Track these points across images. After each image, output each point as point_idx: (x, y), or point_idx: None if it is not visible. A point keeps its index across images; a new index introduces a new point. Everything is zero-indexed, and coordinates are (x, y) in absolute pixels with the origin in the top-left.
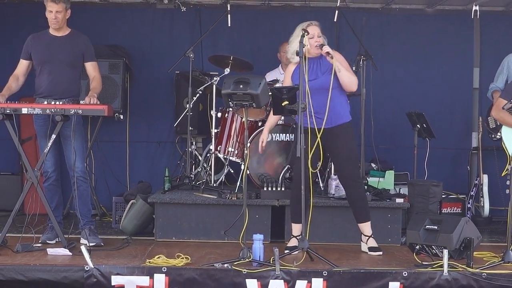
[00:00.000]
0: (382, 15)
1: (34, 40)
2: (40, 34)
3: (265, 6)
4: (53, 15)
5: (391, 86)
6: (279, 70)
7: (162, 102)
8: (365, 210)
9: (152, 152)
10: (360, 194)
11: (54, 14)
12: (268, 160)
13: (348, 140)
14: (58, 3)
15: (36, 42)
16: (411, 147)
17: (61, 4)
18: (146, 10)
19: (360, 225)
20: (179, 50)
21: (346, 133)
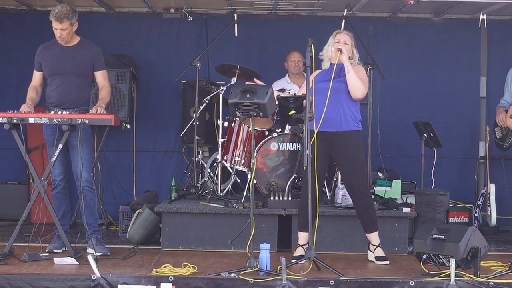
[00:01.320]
0: (389, 24)
1: (44, 51)
2: (49, 45)
3: (272, 15)
4: (58, 32)
5: (398, 95)
6: (286, 79)
7: (169, 111)
8: (373, 220)
9: (159, 161)
10: (368, 204)
11: (59, 32)
12: (274, 169)
13: (356, 149)
14: (62, 22)
15: (45, 53)
16: (418, 156)
17: (65, 22)
18: (153, 19)
19: (368, 234)
20: (186, 60)
21: (354, 142)
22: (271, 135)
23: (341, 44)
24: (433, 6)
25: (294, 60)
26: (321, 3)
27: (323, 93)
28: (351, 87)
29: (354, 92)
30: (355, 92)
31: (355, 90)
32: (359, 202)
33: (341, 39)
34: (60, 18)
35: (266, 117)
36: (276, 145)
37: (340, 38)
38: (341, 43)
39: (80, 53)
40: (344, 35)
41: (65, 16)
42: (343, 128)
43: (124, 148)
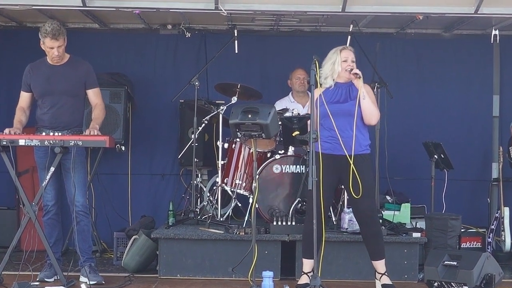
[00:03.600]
0: (397, 40)
1: (32, 71)
2: (38, 64)
3: (274, 31)
4: (56, 51)
5: (407, 115)
6: (290, 98)
7: (166, 132)
8: (380, 247)
9: (155, 185)
10: (376, 230)
11: (56, 50)
12: (277, 192)
13: (366, 173)
14: (59, 38)
15: (35, 73)
16: (428, 179)
17: (61, 38)
18: (149, 36)
19: (374, 262)
20: (184, 78)
21: (364, 165)
22: (274, 157)
23: (351, 63)
24: (443, 21)
25: (299, 78)
26: (325, 18)
27: (333, 116)
28: (366, 114)
29: (369, 119)
30: (370, 119)
31: (370, 116)
32: (366, 228)
33: (349, 58)
34: (56, 35)
35: (269, 138)
36: (279, 168)
37: (348, 56)
38: (349, 62)
39: (71, 71)
40: (350, 52)
41: (60, 32)
42: (354, 151)
43: (119, 171)
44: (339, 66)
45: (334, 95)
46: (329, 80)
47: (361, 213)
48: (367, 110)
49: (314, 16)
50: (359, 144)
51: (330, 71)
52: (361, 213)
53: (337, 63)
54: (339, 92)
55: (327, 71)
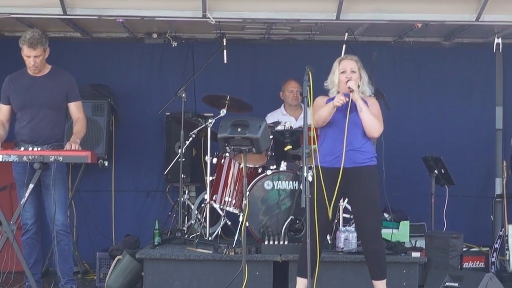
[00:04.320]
0: (395, 49)
1: (11, 82)
2: (17, 75)
3: (265, 40)
4: (32, 60)
5: (405, 128)
6: (282, 111)
7: (151, 147)
8: (382, 266)
9: (140, 202)
10: (379, 248)
11: (32, 60)
12: (269, 210)
13: (372, 186)
14: (36, 48)
15: (14, 85)
16: (428, 195)
17: (39, 48)
18: (133, 45)
19: (374, 282)
20: (170, 90)
21: (370, 178)
22: (265, 173)
23: (349, 73)
24: (443, 29)
25: (292, 91)
26: (319, 26)
27: (338, 126)
28: (366, 127)
29: (370, 132)
30: (371, 132)
31: (371, 130)
32: (369, 246)
33: (347, 68)
34: (34, 44)
35: (260, 153)
36: (271, 184)
37: (346, 67)
38: (347, 73)
39: (52, 83)
40: (350, 61)
41: (38, 42)
42: (360, 163)
43: (102, 188)
44: (337, 78)
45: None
46: (333, 92)
47: (364, 228)
48: (367, 123)
49: (307, 24)
50: (364, 156)
51: (331, 84)
52: (364, 229)
53: (336, 75)
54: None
55: (329, 84)
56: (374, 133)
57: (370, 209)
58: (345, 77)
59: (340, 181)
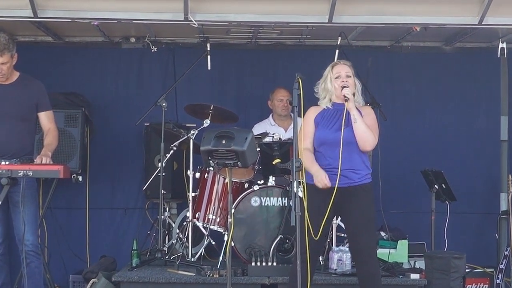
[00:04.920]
0: (392, 54)
1: None
2: None
3: (252, 45)
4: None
5: (403, 139)
6: (270, 121)
7: (129, 160)
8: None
9: (117, 220)
10: (374, 271)
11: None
12: (256, 229)
13: (366, 204)
14: (3, 54)
15: None
16: (428, 212)
17: (6, 55)
18: (110, 50)
19: None
20: (149, 98)
21: (365, 196)
22: (252, 188)
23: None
24: (443, 33)
25: (281, 99)
26: (310, 30)
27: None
28: (359, 139)
29: (362, 145)
30: (364, 145)
31: (364, 143)
32: (363, 268)
33: (342, 72)
34: (0, 50)
35: (246, 167)
36: (258, 200)
37: (341, 71)
38: (342, 77)
39: (20, 91)
40: (344, 66)
41: (5, 47)
42: (355, 181)
43: (75, 205)
44: (331, 85)
45: (332, 118)
46: (325, 102)
47: (359, 250)
48: (360, 135)
49: (297, 27)
50: (358, 174)
51: (324, 92)
52: (358, 250)
53: (329, 81)
54: (337, 115)
55: (321, 92)
56: (367, 146)
57: (365, 228)
58: (341, 81)
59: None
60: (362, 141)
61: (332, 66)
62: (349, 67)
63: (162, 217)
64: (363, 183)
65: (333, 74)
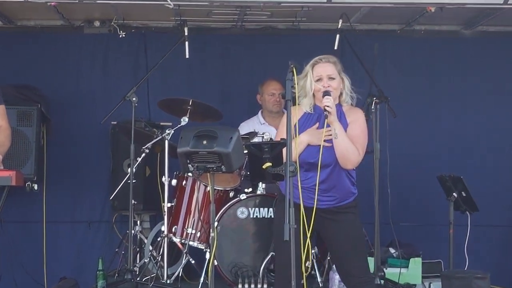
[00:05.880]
0: (402, 40)
1: None
2: None
3: (238, 29)
4: None
5: (416, 139)
6: (259, 119)
7: (93, 165)
8: None
9: (80, 236)
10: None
11: None
12: (243, 245)
13: (353, 224)
14: None
15: None
16: (445, 225)
17: None
18: (70, 36)
19: None
20: (117, 92)
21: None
22: (238, 197)
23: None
24: (463, 14)
25: (273, 93)
26: (305, 12)
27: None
28: (339, 157)
29: (343, 163)
30: (344, 164)
31: (344, 161)
32: None
33: (323, 74)
34: None
35: (231, 172)
36: (246, 212)
37: (322, 73)
38: (324, 81)
39: None
40: (326, 65)
41: None
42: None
43: (30, 218)
44: (311, 88)
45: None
46: (305, 104)
47: (349, 276)
48: (339, 153)
49: (291, 8)
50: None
51: (302, 91)
52: (349, 276)
53: (309, 83)
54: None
55: (299, 90)
56: (348, 165)
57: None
58: (322, 86)
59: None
60: (343, 160)
61: (313, 65)
62: (333, 65)
63: (132, 232)
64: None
65: (313, 75)
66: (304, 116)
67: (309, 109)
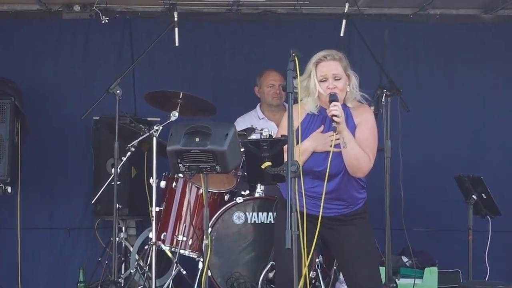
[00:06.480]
0: (415, 25)
1: None
2: None
3: (233, 14)
4: None
5: (431, 136)
6: (257, 113)
7: (74, 165)
8: None
9: (58, 244)
10: None
11: None
12: (240, 253)
13: (364, 231)
14: None
15: None
16: (464, 230)
17: None
18: (47, 23)
19: None
20: (99, 84)
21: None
22: (234, 201)
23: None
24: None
25: (273, 85)
26: None
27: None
28: (349, 166)
29: (353, 172)
30: (354, 173)
31: (355, 170)
32: None
33: (328, 74)
34: None
35: (227, 172)
36: (243, 216)
37: (327, 73)
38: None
39: None
40: (331, 64)
41: None
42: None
43: (4, 224)
44: (316, 89)
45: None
46: (309, 104)
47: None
48: (348, 162)
49: None
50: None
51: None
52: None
53: (313, 84)
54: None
55: (302, 90)
56: (358, 173)
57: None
58: (326, 87)
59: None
60: (353, 169)
61: (316, 64)
62: (339, 63)
63: (116, 239)
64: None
65: (317, 75)
66: (307, 118)
67: (315, 110)
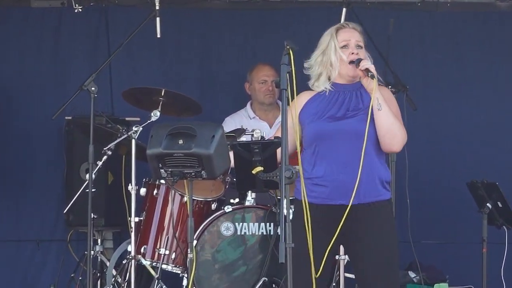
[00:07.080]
0: (423, 14)
1: None
2: None
3: (221, 2)
4: None
5: (440, 137)
6: (247, 113)
7: (43, 171)
8: None
9: (27, 258)
10: None
11: None
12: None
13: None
14: None
15: None
16: (477, 243)
17: None
18: (13, 10)
19: None
20: (72, 80)
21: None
22: (223, 210)
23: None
24: None
25: (265, 81)
26: None
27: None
28: (384, 135)
29: (389, 143)
30: (390, 143)
31: (391, 140)
32: None
33: (351, 41)
34: None
35: (214, 178)
36: (232, 227)
37: (350, 39)
38: (351, 47)
39: None
40: (353, 32)
41: None
42: (368, 198)
43: None
44: (336, 56)
45: (331, 105)
46: (322, 82)
47: None
48: (384, 129)
49: None
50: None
51: (320, 67)
52: None
53: (333, 52)
54: (339, 100)
55: (316, 68)
56: (394, 144)
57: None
58: (350, 53)
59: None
60: (390, 137)
61: (337, 30)
62: (360, 34)
63: (91, 252)
64: (379, 199)
65: (338, 41)
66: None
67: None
